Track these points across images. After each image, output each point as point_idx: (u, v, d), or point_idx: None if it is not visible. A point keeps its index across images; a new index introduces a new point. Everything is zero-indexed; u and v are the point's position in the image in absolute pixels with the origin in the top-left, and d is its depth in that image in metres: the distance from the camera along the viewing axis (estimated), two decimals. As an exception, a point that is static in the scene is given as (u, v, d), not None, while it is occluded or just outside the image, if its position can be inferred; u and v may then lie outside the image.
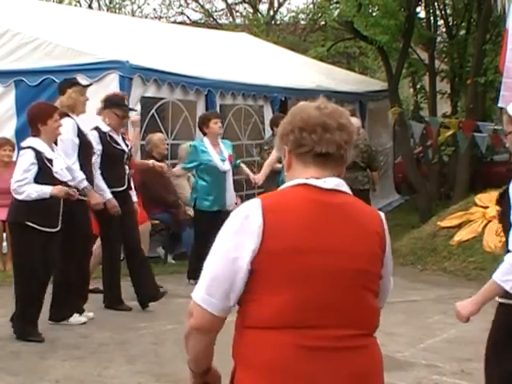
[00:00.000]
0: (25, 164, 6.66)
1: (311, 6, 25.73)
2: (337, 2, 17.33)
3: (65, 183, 6.82)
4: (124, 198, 7.85)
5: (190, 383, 2.72)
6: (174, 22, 26.02)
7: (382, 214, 2.64)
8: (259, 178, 9.55)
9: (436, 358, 6.55)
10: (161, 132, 10.76)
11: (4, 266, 9.51)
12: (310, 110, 2.57)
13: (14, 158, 9.92)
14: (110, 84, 9.89)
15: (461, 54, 17.06)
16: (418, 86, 18.49)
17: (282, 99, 12.89)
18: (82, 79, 8.77)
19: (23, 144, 6.90)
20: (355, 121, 12.63)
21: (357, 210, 2.57)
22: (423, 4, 17.18)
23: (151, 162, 9.54)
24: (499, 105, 10.51)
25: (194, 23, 25.98)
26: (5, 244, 9.72)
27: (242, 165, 9.84)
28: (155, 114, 10.87)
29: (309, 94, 13.75)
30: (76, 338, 6.85)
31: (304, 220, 2.46)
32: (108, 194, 7.71)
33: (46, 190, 6.60)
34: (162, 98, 10.91)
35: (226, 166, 9.13)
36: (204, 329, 2.52)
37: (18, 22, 11.11)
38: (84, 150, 7.40)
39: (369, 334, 2.56)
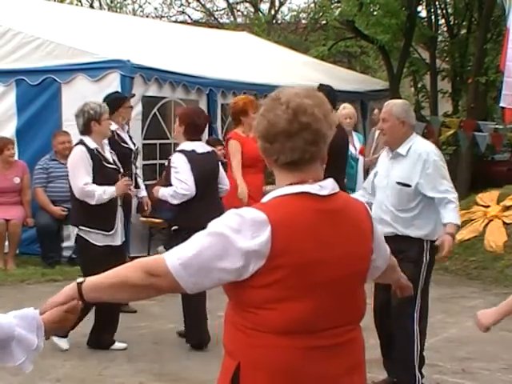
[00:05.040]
0: None
1: (312, 5, 25.74)
2: (338, 1, 17.33)
3: None
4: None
5: (59, 308, 2.56)
6: (175, 22, 25.98)
7: (366, 206, 2.73)
8: None
9: (437, 357, 6.53)
10: (163, 131, 10.77)
11: (5, 265, 9.48)
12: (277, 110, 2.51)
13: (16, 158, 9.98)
14: (111, 83, 9.88)
15: (462, 53, 17.04)
16: (419, 85, 18.48)
17: (283, 98, 12.87)
18: None
19: None
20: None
21: (351, 209, 2.64)
22: (424, 3, 17.19)
23: None
24: (501, 104, 10.51)
25: (195, 22, 25.97)
26: (7, 243, 9.70)
27: None
28: (157, 113, 10.87)
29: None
30: (77, 337, 6.84)
31: (312, 233, 2.50)
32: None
33: None
34: (163, 98, 10.91)
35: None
36: (164, 291, 2.56)
37: (19, 21, 11.10)
38: None
39: (358, 325, 2.68)
